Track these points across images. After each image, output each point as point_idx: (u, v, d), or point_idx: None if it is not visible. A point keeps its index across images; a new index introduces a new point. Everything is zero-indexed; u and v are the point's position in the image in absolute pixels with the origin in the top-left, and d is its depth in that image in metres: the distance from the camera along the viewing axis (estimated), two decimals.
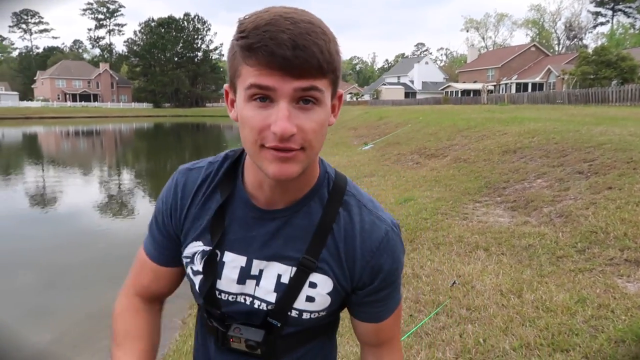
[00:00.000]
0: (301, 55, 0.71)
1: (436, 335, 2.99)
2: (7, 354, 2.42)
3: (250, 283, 0.91)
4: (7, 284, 5.53)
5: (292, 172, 0.78)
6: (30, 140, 32.52)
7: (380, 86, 67.74)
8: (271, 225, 0.89)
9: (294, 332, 0.92)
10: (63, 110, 63.06)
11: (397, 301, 0.97)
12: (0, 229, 8.21)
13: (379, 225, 0.90)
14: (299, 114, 0.75)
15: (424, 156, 9.93)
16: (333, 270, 0.89)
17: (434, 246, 4.56)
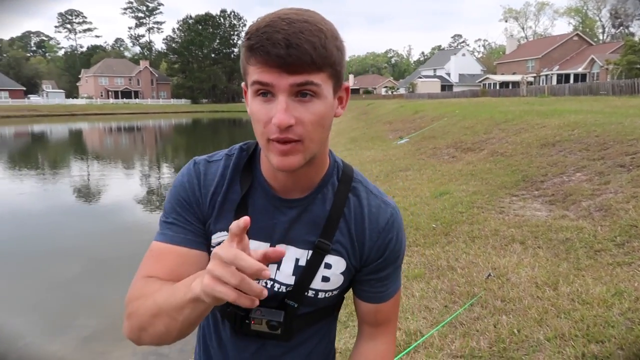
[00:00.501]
0: (294, 53, 0.76)
1: (470, 325, 3.05)
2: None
3: (272, 268, 0.95)
4: (57, 273, 5.88)
5: (294, 163, 0.84)
6: (76, 136, 33.88)
7: (416, 79, 66.91)
8: (291, 213, 0.96)
9: (307, 312, 0.99)
10: (106, 107, 65.35)
11: (396, 287, 1.04)
12: (51, 221, 8.66)
13: (384, 208, 0.98)
14: (297, 107, 0.80)
15: (460, 150, 9.86)
16: (346, 250, 0.97)
17: (469, 239, 4.59)
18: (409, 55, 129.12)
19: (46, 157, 20.64)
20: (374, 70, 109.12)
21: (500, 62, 62.53)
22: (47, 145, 27.24)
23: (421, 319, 3.25)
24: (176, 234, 0.94)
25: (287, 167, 0.84)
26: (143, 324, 0.85)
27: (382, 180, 8.24)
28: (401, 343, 2.98)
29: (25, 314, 4.76)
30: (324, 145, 0.91)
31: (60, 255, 6.53)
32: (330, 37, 0.81)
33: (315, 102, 0.81)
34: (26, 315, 4.73)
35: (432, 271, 4.01)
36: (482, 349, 2.76)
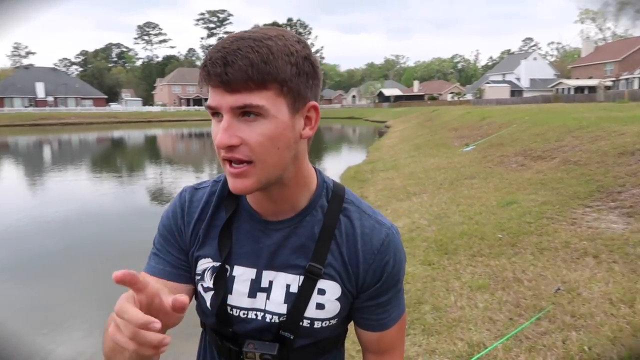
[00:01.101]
0: (229, 71, 0.74)
1: (537, 340, 2.96)
2: None
3: (261, 297, 0.91)
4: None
5: (246, 186, 0.80)
6: (151, 141, 35.85)
7: (484, 85, 64.89)
8: (277, 236, 0.91)
9: (306, 345, 0.92)
10: (178, 114, 68.57)
11: (400, 312, 0.97)
12: (125, 222, 9.17)
13: (379, 228, 0.92)
14: (241, 126, 0.77)
15: (529, 158, 9.48)
16: (340, 274, 0.90)
17: (537, 251, 4.43)
18: (476, 60, 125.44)
19: (124, 161, 22.02)
20: (439, 76, 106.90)
21: (575, 65, 59.31)
22: (125, 150, 29.05)
23: (484, 330, 3.19)
24: (156, 264, 0.94)
25: (239, 189, 0.81)
26: (107, 355, 0.82)
27: (446, 188, 8.10)
28: (463, 354, 2.95)
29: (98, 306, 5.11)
30: (290, 167, 0.85)
31: (132, 255, 6.93)
32: (278, 53, 0.77)
33: (262, 121, 0.77)
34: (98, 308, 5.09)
35: (497, 282, 3.91)
36: None
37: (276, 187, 0.86)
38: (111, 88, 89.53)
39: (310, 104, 0.84)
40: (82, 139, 37.02)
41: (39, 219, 9.07)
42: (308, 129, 0.85)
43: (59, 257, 6.63)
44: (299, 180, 0.89)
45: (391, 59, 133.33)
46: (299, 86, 0.80)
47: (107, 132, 42.81)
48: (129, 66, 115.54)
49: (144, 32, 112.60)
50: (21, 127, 47.92)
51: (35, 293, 5.42)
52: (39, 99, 69.03)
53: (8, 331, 4.50)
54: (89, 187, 13.65)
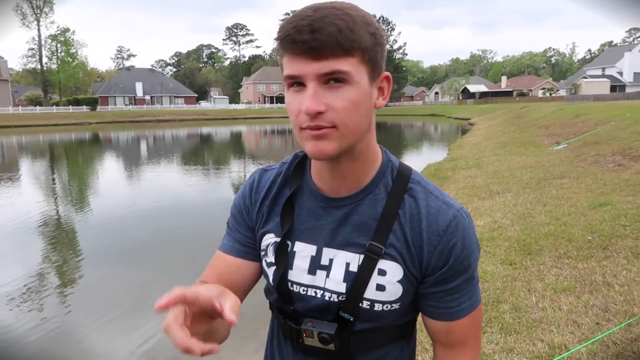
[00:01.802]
0: (319, 37, 0.74)
1: (626, 346, 2.80)
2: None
3: (320, 274, 0.90)
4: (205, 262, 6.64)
5: (327, 149, 0.79)
6: (236, 137, 37.45)
7: (580, 79, 60.52)
8: (338, 213, 0.90)
9: (367, 329, 0.89)
10: (262, 112, 71.04)
11: (472, 303, 0.90)
12: (211, 215, 9.49)
13: (445, 209, 0.87)
14: (327, 94, 0.77)
15: (628, 157, 8.78)
16: (402, 256, 0.87)
17: (632, 255, 4.14)
18: (572, 53, 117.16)
19: (211, 156, 23.24)
20: (530, 71, 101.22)
21: None
22: (213, 146, 30.60)
23: (567, 333, 3.07)
24: (227, 242, 0.99)
25: (321, 152, 0.80)
26: None
27: (532, 187, 7.73)
28: (543, 355, 2.86)
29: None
30: (366, 136, 0.86)
31: (213, 247, 7.26)
32: (360, 22, 0.77)
33: (347, 88, 0.78)
34: None
35: (583, 285, 3.72)
36: None
37: (346, 160, 0.85)
38: (201, 87, 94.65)
39: (384, 74, 0.84)
40: (175, 134, 39.54)
41: (134, 209, 9.81)
42: (381, 99, 0.86)
43: (152, 247, 7.12)
44: (367, 154, 0.88)
45: (477, 54, 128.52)
46: (377, 55, 0.81)
47: (197, 129, 45.32)
48: (218, 66, 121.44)
49: (232, 33, 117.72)
50: (122, 123, 52.15)
51: (124, 278, 5.86)
52: (138, 97, 74.69)
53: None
54: (179, 180, 14.57)
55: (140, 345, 4.03)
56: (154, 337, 4.13)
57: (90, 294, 5.25)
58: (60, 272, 6.09)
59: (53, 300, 5.07)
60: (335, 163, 0.86)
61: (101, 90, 72.75)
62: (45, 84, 66.27)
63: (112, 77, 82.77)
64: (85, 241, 7.51)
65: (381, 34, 0.82)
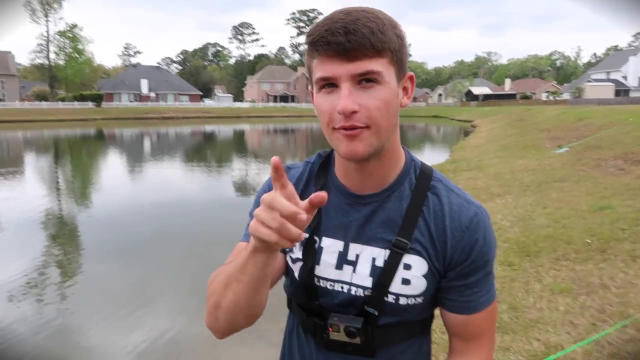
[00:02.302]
0: (352, 39, 0.77)
1: (621, 347, 2.86)
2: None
3: (347, 269, 0.93)
4: (206, 259, 6.65)
5: (361, 150, 0.82)
6: (239, 135, 37.54)
7: (584, 83, 60.36)
8: (365, 210, 0.93)
9: (390, 324, 0.92)
10: (266, 110, 71.18)
11: (489, 297, 0.93)
12: (212, 213, 9.57)
13: (467, 207, 0.91)
14: (361, 94, 0.80)
15: (630, 162, 8.81)
16: (427, 250, 0.90)
17: (630, 258, 4.20)
18: (577, 57, 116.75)
19: (214, 154, 23.33)
20: (534, 74, 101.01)
21: None
22: (216, 144, 30.71)
23: (563, 333, 3.12)
24: None
25: (355, 153, 0.82)
26: (218, 299, 0.86)
27: (533, 190, 7.78)
28: (538, 353, 2.92)
29: (180, 293, 5.36)
30: (393, 135, 0.89)
31: (218, 243, 6.91)
32: (388, 24, 0.81)
33: (379, 88, 0.81)
34: (185, 293, 5.47)
35: (581, 287, 3.77)
36: None
37: (374, 159, 0.88)
38: (205, 85, 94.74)
39: (408, 74, 0.88)
40: (178, 132, 39.67)
41: (137, 206, 9.88)
42: (406, 98, 0.89)
43: (152, 243, 7.16)
44: (393, 153, 0.92)
45: (482, 56, 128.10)
46: (403, 56, 0.84)
47: (200, 126, 45.46)
48: (223, 64, 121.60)
49: (238, 32, 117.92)
50: (126, 120, 52.29)
51: (126, 274, 5.86)
52: (143, 94, 74.84)
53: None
54: (182, 177, 14.65)
55: (140, 343, 4.07)
56: (154, 334, 4.20)
57: (90, 290, 5.28)
58: (60, 268, 6.15)
59: (52, 296, 5.11)
60: (364, 163, 0.88)
61: (107, 87, 72.91)
62: (52, 79, 66.45)
63: (118, 74, 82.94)
64: (86, 236, 7.60)
65: (405, 36, 0.85)
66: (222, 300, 0.85)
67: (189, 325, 4.39)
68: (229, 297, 0.84)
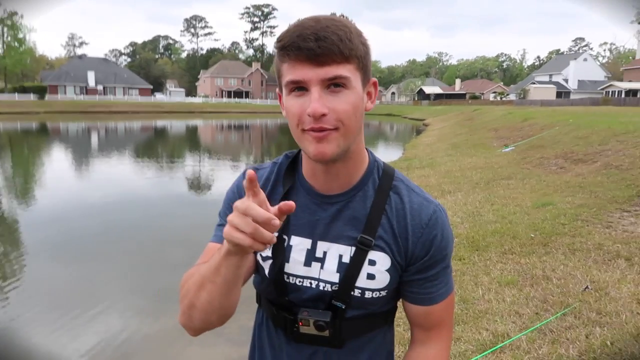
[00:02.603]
0: (323, 45, 0.81)
1: (561, 334, 3.05)
2: None
3: (315, 266, 0.97)
4: (160, 258, 6.38)
5: (329, 151, 0.86)
6: (192, 131, 36.80)
7: (529, 85, 63.20)
8: (331, 209, 0.97)
9: (357, 316, 0.97)
10: (219, 106, 69.96)
11: (448, 289, 0.99)
12: (161, 209, 9.40)
13: (427, 205, 0.97)
14: (330, 97, 0.84)
15: (569, 161, 9.34)
16: (390, 246, 0.95)
17: (569, 251, 4.47)
18: (522, 59, 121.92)
19: (165, 150, 22.77)
20: (482, 75, 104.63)
21: (628, 68, 56.81)
22: (167, 139, 29.97)
23: (510, 322, 3.29)
24: (221, 234, 0.96)
25: (323, 154, 0.86)
26: (192, 299, 0.89)
27: (481, 187, 8.11)
28: (487, 343, 3.07)
29: (135, 290, 5.31)
30: (358, 137, 0.94)
31: (168, 240, 6.95)
32: (354, 32, 0.86)
33: (346, 92, 0.85)
34: (134, 292, 5.38)
35: (525, 279, 3.99)
36: (571, 357, 2.77)
37: (341, 160, 0.92)
38: (157, 79, 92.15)
39: (372, 80, 0.94)
40: (128, 127, 38.43)
41: (83, 202, 9.55)
42: (369, 103, 0.94)
43: (99, 240, 6.91)
44: (358, 154, 0.97)
45: (433, 56, 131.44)
46: (368, 63, 0.90)
47: (151, 121, 44.19)
48: (175, 58, 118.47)
49: (190, 24, 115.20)
50: (72, 114, 50.11)
51: (73, 273, 5.65)
52: (90, 87, 71.83)
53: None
54: (131, 173, 14.23)
55: (94, 345, 3.96)
56: (107, 336, 4.09)
57: (34, 292, 5.04)
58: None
59: None
60: (330, 163, 0.92)
61: (50, 79, 69.32)
62: None
63: (63, 65, 79.08)
64: (29, 235, 7.25)
65: (369, 45, 0.90)
66: (196, 301, 0.88)
67: (142, 325, 4.31)
68: (203, 298, 0.87)
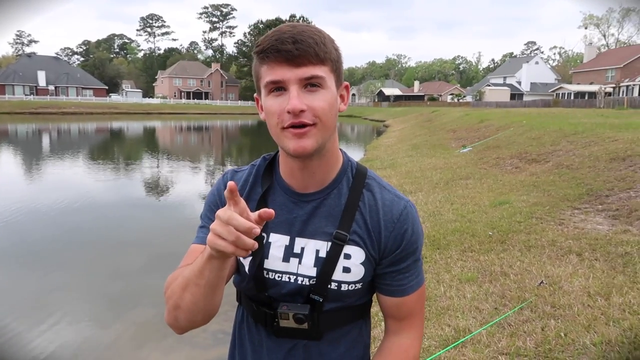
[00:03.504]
0: (300, 47, 0.88)
1: (518, 327, 3.18)
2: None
3: (293, 261, 1.02)
4: (117, 261, 6.28)
5: (309, 146, 0.92)
6: (150, 133, 35.95)
7: (484, 87, 65.13)
8: (308, 207, 1.03)
9: (334, 309, 1.02)
10: (178, 107, 68.72)
11: (419, 281, 1.06)
12: (119, 212, 9.16)
13: (397, 201, 1.04)
14: (307, 96, 0.91)
15: (524, 161, 9.71)
16: (364, 241, 1.01)
17: (525, 248, 4.66)
18: (478, 62, 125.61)
19: (121, 152, 22.16)
20: (440, 77, 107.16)
21: (576, 71, 59.55)
22: (124, 141, 29.16)
23: (471, 318, 3.41)
24: (203, 235, 1.04)
25: (303, 149, 0.92)
26: (177, 301, 0.93)
27: (441, 187, 8.32)
28: (449, 338, 3.16)
29: (91, 297, 5.17)
30: (333, 136, 1.00)
31: (126, 245, 6.82)
32: (327, 38, 0.94)
33: (322, 91, 0.92)
34: (91, 299, 5.23)
35: (484, 276, 4.13)
36: (528, 349, 2.90)
37: (316, 158, 0.99)
38: (112, 79, 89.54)
39: (344, 83, 1.01)
40: (82, 128, 37.14)
41: (35, 206, 9.12)
42: (342, 105, 1.01)
43: (51, 246, 6.66)
44: (332, 153, 1.03)
45: (393, 58, 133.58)
46: (340, 67, 0.98)
47: (106, 123, 42.89)
48: (131, 57, 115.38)
49: (146, 23, 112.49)
50: (22, 115, 48.00)
51: (26, 281, 5.44)
52: (40, 87, 69.03)
53: None
54: (86, 176, 13.72)
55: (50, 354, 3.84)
56: (66, 344, 3.97)
57: None
58: None
59: None
60: (307, 160, 0.98)
61: None
62: None
63: (11, 64, 75.62)
64: None
65: (340, 50, 0.98)
66: (181, 302, 0.92)
67: (103, 333, 4.19)
68: (187, 299, 0.91)
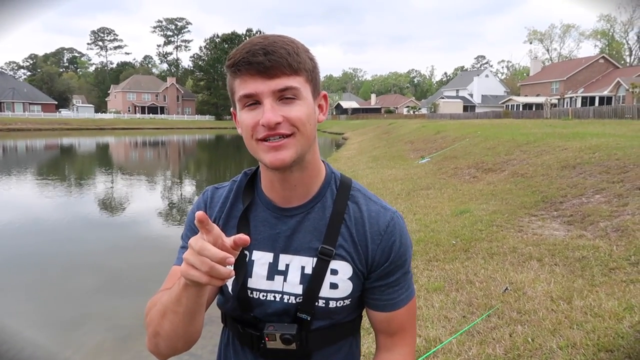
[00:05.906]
0: (272, 58, 0.86)
1: (487, 334, 3.23)
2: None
3: (278, 279, 0.98)
4: (68, 284, 5.98)
5: (285, 157, 0.89)
6: (103, 149, 34.83)
7: (438, 100, 67.08)
8: (291, 222, 0.99)
9: (323, 327, 0.98)
10: (132, 122, 67.03)
11: (409, 295, 1.02)
12: (71, 232, 8.79)
13: (384, 212, 1.00)
14: (283, 107, 0.88)
15: (481, 170, 10.00)
16: (351, 255, 0.97)
17: (488, 256, 4.76)
18: (431, 75, 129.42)
19: (73, 169, 21.33)
20: (396, 90, 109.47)
21: (523, 83, 62.33)
22: (75, 158, 28.10)
23: (440, 327, 3.44)
24: None
25: (280, 161, 0.89)
26: (156, 327, 0.90)
27: (403, 198, 8.43)
28: (421, 349, 3.17)
29: (40, 323, 4.96)
30: (313, 147, 0.96)
31: (77, 267, 6.55)
32: (301, 48, 0.91)
33: (297, 102, 0.89)
34: (40, 324, 4.99)
35: (451, 284, 4.19)
36: (498, 356, 2.94)
37: (297, 170, 0.95)
38: (61, 94, 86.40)
39: (322, 93, 0.98)
40: (29, 145, 35.60)
41: None
42: (321, 115, 0.99)
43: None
44: (314, 165, 0.99)
45: (349, 72, 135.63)
46: (316, 77, 0.95)
47: (56, 139, 41.26)
48: (82, 72, 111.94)
49: (98, 37, 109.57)
50: None
51: None
52: None
53: None
54: (33, 195, 13.08)
55: None
56: None
57: None
58: None
59: None
60: (288, 173, 0.95)
61: None
62: None
63: None
64: None
65: (316, 60, 0.95)
66: (161, 330, 0.89)
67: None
68: (166, 327, 0.88)
